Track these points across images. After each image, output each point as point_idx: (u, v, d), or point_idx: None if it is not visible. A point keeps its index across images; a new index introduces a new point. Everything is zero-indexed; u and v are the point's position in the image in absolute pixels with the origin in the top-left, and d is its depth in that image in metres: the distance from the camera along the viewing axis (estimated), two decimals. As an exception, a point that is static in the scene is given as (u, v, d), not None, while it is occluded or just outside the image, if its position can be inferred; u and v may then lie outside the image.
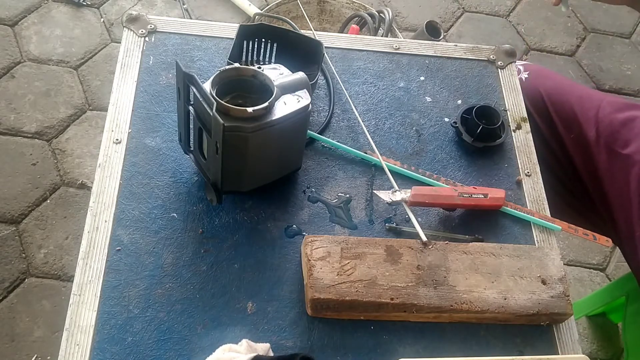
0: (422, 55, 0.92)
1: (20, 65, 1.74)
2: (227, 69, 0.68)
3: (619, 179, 0.89)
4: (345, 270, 0.66)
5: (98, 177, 0.73)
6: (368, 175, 0.79)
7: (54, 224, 1.49)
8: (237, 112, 0.64)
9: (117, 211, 0.71)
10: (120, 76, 0.81)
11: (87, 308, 0.64)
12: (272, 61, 0.81)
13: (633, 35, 2.12)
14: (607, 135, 0.91)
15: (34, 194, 1.52)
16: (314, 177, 0.78)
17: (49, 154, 1.60)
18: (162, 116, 0.79)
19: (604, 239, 0.78)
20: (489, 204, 0.76)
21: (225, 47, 0.86)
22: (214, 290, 0.67)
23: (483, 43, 0.99)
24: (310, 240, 0.68)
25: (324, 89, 0.86)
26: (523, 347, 0.68)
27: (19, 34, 1.79)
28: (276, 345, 0.64)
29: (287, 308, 0.67)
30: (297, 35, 0.82)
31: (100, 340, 0.63)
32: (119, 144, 0.76)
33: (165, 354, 0.63)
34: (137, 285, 0.66)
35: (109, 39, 1.83)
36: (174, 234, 0.71)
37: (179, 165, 0.76)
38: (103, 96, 1.70)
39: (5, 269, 1.42)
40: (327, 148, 0.80)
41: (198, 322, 0.65)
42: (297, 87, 0.69)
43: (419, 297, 0.66)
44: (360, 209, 0.76)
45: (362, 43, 0.92)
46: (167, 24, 0.88)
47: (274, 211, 0.74)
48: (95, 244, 0.68)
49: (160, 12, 1.92)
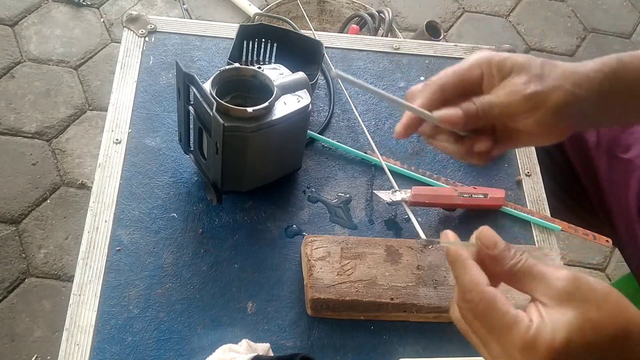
0: (422, 55, 0.92)
1: (20, 65, 1.74)
2: (227, 69, 0.68)
3: (619, 183, 0.89)
4: (345, 270, 0.66)
5: (98, 177, 0.73)
6: (368, 175, 0.79)
7: (54, 224, 1.49)
8: (237, 112, 0.64)
9: (117, 211, 0.71)
10: (120, 76, 0.81)
11: (87, 308, 0.64)
12: (272, 61, 0.81)
13: (633, 35, 2.12)
14: (607, 139, 0.91)
15: (34, 194, 1.53)
16: (314, 177, 0.78)
17: (49, 154, 1.60)
18: (162, 116, 0.79)
19: (604, 239, 0.78)
20: (489, 204, 0.76)
21: (225, 47, 0.86)
22: (214, 290, 0.67)
23: (483, 43, 0.99)
24: (310, 240, 0.68)
25: (324, 89, 0.86)
26: (523, 347, 0.68)
27: (19, 34, 1.79)
28: (276, 345, 0.64)
29: (287, 308, 0.67)
30: (297, 35, 0.82)
31: (100, 340, 0.63)
32: (119, 144, 0.76)
33: (165, 354, 0.63)
34: (137, 285, 0.66)
35: (109, 39, 1.83)
36: (174, 234, 0.71)
37: (179, 165, 0.76)
38: (103, 96, 1.70)
39: (5, 269, 1.42)
40: (327, 148, 0.80)
41: (198, 322, 0.65)
42: (297, 87, 0.69)
43: (419, 297, 0.66)
44: (360, 209, 0.76)
45: (362, 43, 0.92)
46: (167, 24, 0.88)
47: (274, 211, 0.74)
48: (95, 244, 0.68)
49: (160, 12, 1.92)
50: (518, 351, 0.39)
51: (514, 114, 0.52)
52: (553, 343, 0.38)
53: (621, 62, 0.54)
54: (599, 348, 0.39)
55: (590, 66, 0.53)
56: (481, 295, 0.41)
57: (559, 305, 0.40)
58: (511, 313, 0.40)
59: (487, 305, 0.41)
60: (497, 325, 0.41)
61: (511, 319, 0.40)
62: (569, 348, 0.38)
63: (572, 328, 0.39)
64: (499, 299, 0.41)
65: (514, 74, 0.52)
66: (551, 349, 0.38)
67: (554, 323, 0.39)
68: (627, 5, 2.21)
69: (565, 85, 0.51)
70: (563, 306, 0.40)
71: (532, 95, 0.51)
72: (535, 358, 0.39)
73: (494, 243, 0.44)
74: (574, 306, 0.39)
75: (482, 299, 0.41)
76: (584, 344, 0.39)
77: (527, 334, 0.39)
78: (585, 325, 0.39)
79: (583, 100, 0.52)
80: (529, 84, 0.51)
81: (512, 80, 0.52)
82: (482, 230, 0.44)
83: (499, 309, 0.40)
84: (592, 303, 0.40)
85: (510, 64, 0.52)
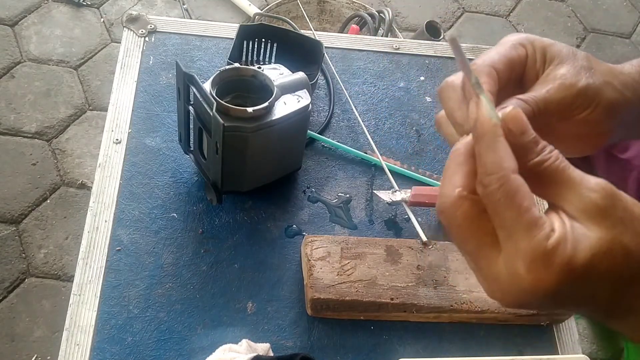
0: (422, 55, 0.92)
1: (20, 65, 1.74)
2: (227, 69, 0.68)
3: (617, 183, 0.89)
4: (345, 270, 0.66)
5: (98, 177, 0.73)
6: (368, 175, 0.79)
7: (54, 224, 1.49)
8: (237, 112, 0.64)
9: (117, 211, 0.71)
10: (120, 76, 0.81)
11: (87, 308, 0.64)
12: (272, 61, 0.81)
13: (633, 35, 2.12)
14: None
15: (34, 194, 1.53)
16: (314, 177, 0.78)
17: (49, 154, 1.60)
18: (162, 116, 0.79)
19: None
20: (489, 204, 0.76)
21: (225, 47, 0.86)
22: (214, 290, 0.67)
23: (483, 43, 0.99)
24: (310, 240, 0.68)
25: (324, 89, 0.86)
26: (523, 347, 0.68)
27: (19, 34, 1.80)
28: (276, 345, 0.64)
29: (287, 308, 0.67)
30: (297, 35, 0.82)
31: (100, 340, 0.63)
32: (119, 144, 0.76)
33: (165, 354, 0.63)
34: (137, 285, 0.66)
35: (109, 39, 1.83)
36: (174, 234, 0.71)
37: (179, 165, 0.76)
38: (103, 96, 1.70)
39: (5, 269, 1.42)
40: (327, 148, 0.80)
41: (198, 322, 0.65)
42: (297, 87, 0.69)
43: (419, 297, 0.66)
44: (360, 209, 0.76)
45: (362, 43, 0.92)
46: (167, 24, 0.88)
47: (274, 211, 0.74)
48: (95, 244, 0.68)
49: (160, 12, 1.92)
50: (527, 261, 0.32)
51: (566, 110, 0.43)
52: (572, 261, 0.32)
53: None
54: (623, 279, 0.33)
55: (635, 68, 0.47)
56: (504, 181, 0.33)
57: (588, 221, 0.33)
58: (533, 213, 0.32)
59: (507, 195, 0.32)
60: (510, 223, 0.33)
61: (531, 219, 0.32)
62: (589, 271, 0.32)
63: (600, 250, 0.32)
64: (523, 192, 0.33)
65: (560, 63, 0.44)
66: (567, 267, 0.32)
67: (579, 238, 0.32)
68: (627, 5, 2.21)
69: (614, 82, 0.44)
70: (594, 223, 0.33)
71: (586, 88, 0.43)
72: (544, 274, 0.32)
73: (522, 130, 0.34)
74: (607, 225, 0.33)
75: (503, 187, 0.33)
76: (608, 271, 0.32)
77: (545, 242, 0.32)
78: (615, 251, 0.32)
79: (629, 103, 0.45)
80: (579, 76, 0.43)
81: (560, 72, 0.43)
82: (511, 111, 0.35)
83: (520, 203, 0.32)
84: (628, 227, 0.33)
85: (555, 50, 0.44)
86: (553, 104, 0.43)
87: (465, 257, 0.37)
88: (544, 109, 0.42)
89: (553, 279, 0.32)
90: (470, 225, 0.35)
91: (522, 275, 0.32)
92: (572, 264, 0.32)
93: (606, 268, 0.32)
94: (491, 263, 0.34)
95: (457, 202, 0.35)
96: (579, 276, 0.32)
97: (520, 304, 0.35)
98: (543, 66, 0.44)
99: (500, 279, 0.34)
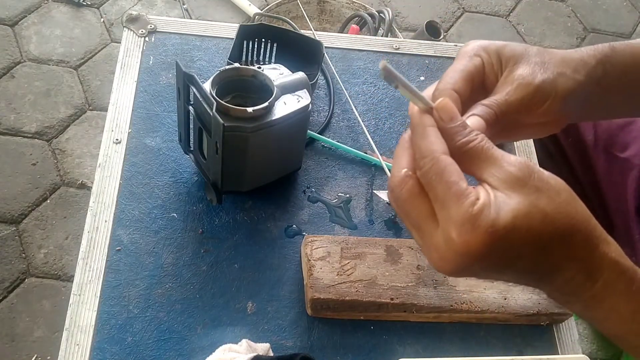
0: (422, 55, 0.92)
1: (20, 65, 1.74)
2: (227, 69, 0.68)
3: (617, 182, 0.89)
4: (345, 270, 0.66)
5: (98, 177, 0.73)
6: (368, 175, 0.79)
7: (54, 224, 1.49)
8: (237, 112, 0.64)
9: (117, 211, 0.71)
10: (120, 76, 0.81)
11: (87, 308, 0.64)
12: (272, 61, 0.81)
13: (633, 35, 2.12)
14: (605, 138, 0.91)
15: (34, 194, 1.53)
16: (314, 177, 0.78)
17: (49, 154, 1.60)
18: (162, 116, 0.79)
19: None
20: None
21: (225, 47, 0.86)
22: (214, 290, 0.67)
23: (483, 43, 0.98)
24: (310, 240, 0.68)
25: (324, 89, 0.86)
26: (523, 347, 0.68)
27: (19, 34, 1.80)
28: (276, 345, 0.64)
29: (287, 308, 0.67)
30: (297, 35, 0.82)
31: (100, 340, 0.63)
32: (119, 144, 0.76)
33: (165, 354, 0.63)
34: (137, 285, 0.67)
35: (109, 39, 1.83)
36: (174, 234, 0.71)
37: (179, 165, 0.76)
38: (103, 96, 1.70)
39: (5, 269, 1.42)
40: (327, 148, 0.80)
41: (198, 322, 0.65)
42: (297, 87, 0.69)
43: (419, 297, 0.66)
44: (360, 209, 0.76)
45: (362, 43, 0.92)
46: (167, 24, 0.88)
47: (274, 211, 0.74)
48: (95, 244, 0.68)
49: (160, 12, 1.92)
50: (457, 226, 0.37)
51: (527, 106, 0.48)
52: (495, 223, 0.36)
53: (614, 48, 0.53)
54: (543, 239, 0.37)
55: (584, 52, 0.52)
56: (435, 161, 0.38)
57: (508, 189, 0.38)
58: (460, 185, 0.38)
59: (438, 172, 0.38)
60: (442, 195, 0.38)
61: (458, 190, 0.38)
62: (511, 232, 0.37)
63: (519, 213, 0.37)
64: (450, 169, 0.38)
65: (515, 64, 0.49)
66: (491, 229, 0.36)
67: (500, 204, 0.37)
68: (627, 5, 2.22)
69: (566, 71, 0.49)
70: (513, 191, 0.38)
71: (541, 84, 0.48)
72: (472, 236, 0.37)
73: (450, 117, 0.40)
74: (524, 192, 0.38)
75: (434, 166, 0.38)
76: (529, 232, 0.37)
77: (471, 208, 0.37)
78: (533, 213, 0.37)
79: (581, 85, 0.50)
80: (535, 74, 0.48)
81: (517, 72, 0.49)
82: (442, 100, 0.41)
83: (448, 178, 0.38)
84: (543, 193, 0.38)
85: (508, 52, 0.50)
86: (514, 103, 0.48)
87: (412, 233, 0.42)
88: (506, 110, 0.47)
89: (479, 240, 0.37)
90: (414, 200, 0.40)
91: (455, 240, 0.37)
92: (496, 226, 0.36)
93: (526, 229, 0.37)
94: (432, 234, 0.39)
95: (404, 180, 0.41)
96: (503, 237, 0.37)
97: (458, 270, 0.39)
98: (500, 68, 0.49)
99: (439, 247, 0.39)
